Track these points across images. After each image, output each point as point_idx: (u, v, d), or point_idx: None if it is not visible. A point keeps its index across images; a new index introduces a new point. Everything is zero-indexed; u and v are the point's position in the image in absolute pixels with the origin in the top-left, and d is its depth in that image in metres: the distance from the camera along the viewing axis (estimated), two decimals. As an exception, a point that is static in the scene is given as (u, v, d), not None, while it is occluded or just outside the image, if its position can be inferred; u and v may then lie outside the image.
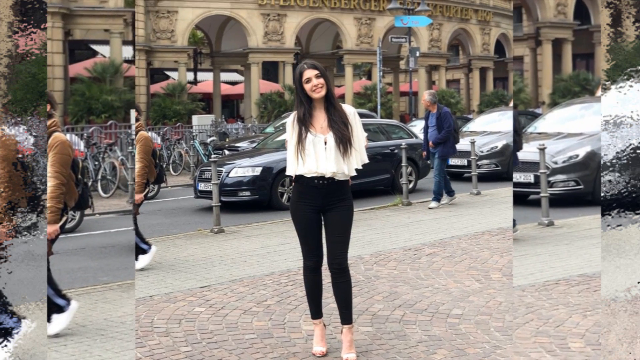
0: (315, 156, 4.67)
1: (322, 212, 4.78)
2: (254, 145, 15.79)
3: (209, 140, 20.57)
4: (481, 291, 6.38)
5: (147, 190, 8.01)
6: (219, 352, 4.96)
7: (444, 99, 33.20)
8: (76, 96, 26.32)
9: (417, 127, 18.81)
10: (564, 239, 8.48)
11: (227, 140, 21.17)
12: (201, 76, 39.88)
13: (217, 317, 5.74)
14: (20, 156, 4.94)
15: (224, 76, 39.43)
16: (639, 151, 4.71)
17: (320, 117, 4.73)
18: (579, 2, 37.64)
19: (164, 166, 17.80)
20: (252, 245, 8.89)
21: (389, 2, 30.28)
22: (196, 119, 26.19)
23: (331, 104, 4.73)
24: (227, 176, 12.42)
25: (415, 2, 30.26)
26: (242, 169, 12.53)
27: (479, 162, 14.62)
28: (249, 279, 7.02)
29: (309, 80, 4.66)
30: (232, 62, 38.61)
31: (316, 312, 4.93)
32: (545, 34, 37.39)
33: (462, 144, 13.12)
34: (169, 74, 37.59)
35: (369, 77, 42.05)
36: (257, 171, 12.45)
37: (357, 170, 4.81)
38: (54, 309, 5.43)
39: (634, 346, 4.51)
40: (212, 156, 12.28)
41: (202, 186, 12.69)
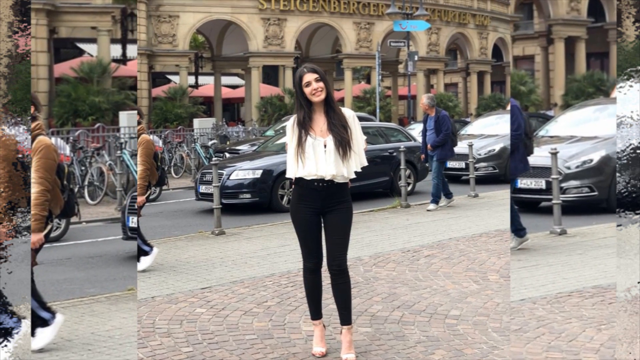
0: (315, 159, 4.70)
1: (321, 214, 4.80)
2: (255, 148, 15.84)
3: (210, 143, 20.63)
4: (479, 292, 6.41)
5: (148, 192, 8.08)
6: (220, 353, 4.98)
7: (442, 103, 33.23)
8: (61, 97, 24.77)
9: (416, 130, 18.86)
10: (577, 249, 8.07)
11: (227, 143, 21.23)
12: (202, 80, 40.00)
13: (218, 318, 5.77)
14: (20, 156, 4.93)
15: (225, 80, 39.55)
16: (639, 151, 4.71)
17: (320, 121, 4.76)
18: (593, -1, 35.98)
19: (166, 169, 17.80)
20: (252, 247, 8.92)
21: (388, 7, 30.41)
22: (197, 122, 26.24)
23: (331, 107, 4.76)
24: (228, 179, 12.48)
25: (413, 6, 30.38)
26: (243, 172, 12.60)
27: (476, 165, 14.66)
28: (250, 280, 7.05)
29: (308, 84, 4.69)
30: (233, 66, 38.73)
31: (316, 313, 4.96)
32: (557, 31, 35.81)
33: (460, 147, 13.14)
34: (170, 77, 37.70)
35: (368, 81, 42.21)
36: (258, 174, 12.51)
37: (356, 172, 4.83)
38: (38, 322, 5.13)
39: (633, 346, 4.53)
40: (213, 159, 12.30)
41: (203, 189, 12.74)
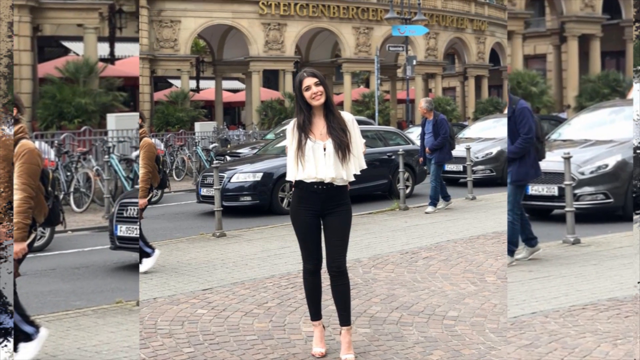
0: (314, 162, 4.73)
1: (321, 217, 4.83)
2: (255, 151, 15.89)
3: (211, 146, 20.71)
4: (476, 294, 6.44)
5: (150, 195, 8.13)
6: (221, 353, 5.01)
7: (440, 107, 33.28)
8: (46, 99, 23.16)
9: (414, 133, 18.87)
10: (591, 259, 7.68)
11: (228, 146, 21.27)
12: (203, 84, 40.06)
13: (219, 319, 5.80)
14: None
15: (226, 84, 39.61)
16: (639, 151, 4.75)
17: (319, 124, 4.79)
18: (609, -5, 32.93)
19: (167, 172, 17.88)
20: (253, 248, 8.96)
21: (387, 12, 30.52)
22: (198, 126, 26.29)
23: (330, 111, 4.79)
24: (229, 181, 12.55)
25: (412, 11, 30.51)
26: (244, 175, 12.67)
27: (474, 168, 14.72)
28: (250, 281, 7.09)
29: (308, 88, 4.72)
30: (234, 70, 38.81)
31: (315, 314, 4.99)
32: (570, 29, 33.55)
33: (458, 150, 13.17)
34: (172, 81, 37.76)
35: (367, 85, 42.32)
36: (258, 177, 12.58)
37: (355, 175, 4.86)
38: (21, 336, 4.80)
39: (634, 344, 4.59)
40: (214, 162, 12.40)
41: (204, 191, 12.81)
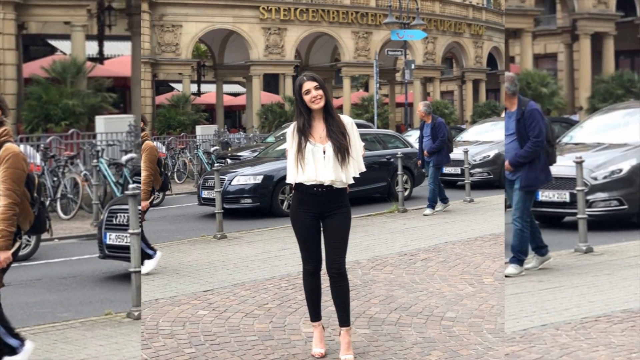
0: (314, 165, 4.76)
1: (321, 219, 4.86)
2: (256, 154, 15.96)
3: (212, 149, 20.74)
4: (474, 295, 6.47)
5: (152, 197, 8.21)
6: (222, 354, 5.04)
7: (438, 110, 33.37)
8: (31, 100, 22.06)
9: (413, 136, 18.91)
10: (605, 269, 7.35)
11: (229, 149, 21.33)
12: (204, 88, 40.19)
13: (220, 320, 5.83)
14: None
15: (227, 88, 39.73)
16: None
17: (319, 127, 4.83)
18: (623, -9, 31.49)
19: (169, 174, 17.91)
20: (253, 250, 9.00)
21: (386, 17, 30.62)
22: (200, 129, 26.36)
23: (330, 114, 4.82)
24: (230, 184, 12.61)
25: (410, 16, 30.61)
26: (244, 177, 12.74)
27: (471, 171, 14.74)
28: (251, 283, 7.13)
29: (308, 91, 4.76)
30: (235, 74, 38.95)
31: (315, 314, 5.03)
32: (583, 27, 31.98)
33: (456, 153, 13.21)
34: (173, 85, 37.89)
35: (366, 89, 42.48)
36: (259, 179, 12.65)
37: (354, 178, 4.90)
38: (5, 350, 4.59)
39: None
40: (215, 165, 12.43)
41: (205, 194, 12.88)
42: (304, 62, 37.67)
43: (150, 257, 7.84)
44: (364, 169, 4.99)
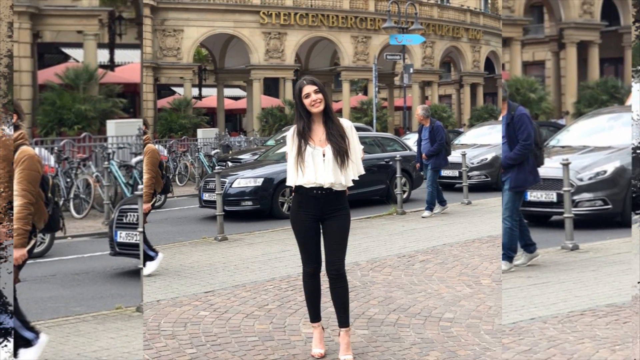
0: (314, 168, 4.80)
1: (320, 221, 4.90)
2: (256, 157, 16.02)
3: (213, 152, 20.83)
4: (472, 296, 6.51)
5: (154, 200, 8.25)
6: (223, 354, 5.08)
7: (437, 114, 33.42)
8: (46, 105, 23.19)
9: (411, 140, 18.94)
10: (590, 265, 7.61)
11: (230, 152, 21.42)
12: (206, 92, 40.22)
13: (221, 321, 5.87)
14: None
15: (227, 92, 39.81)
16: (639, 151, 4.78)
17: (318, 131, 4.87)
18: (607, 1, 32.68)
19: (170, 177, 17.90)
20: (254, 252, 9.04)
21: (384, 21, 30.70)
22: (201, 133, 26.44)
23: (329, 118, 4.86)
24: (230, 187, 12.67)
25: (409, 21, 30.69)
26: (245, 180, 12.80)
27: (469, 174, 14.79)
28: (251, 284, 7.17)
29: (308, 95, 4.80)
30: (235, 78, 39.01)
31: (315, 315, 5.07)
32: (569, 35, 33.11)
33: (454, 156, 13.31)
34: (175, 89, 37.95)
35: (365, 93, 42.66)
36: (259, 182, 12.71)
37: (353, 181, 4.93)
38: (20, 342, 4.72)
39: (634, 346, 4.65)
40: (216, 168, 12.53)
41: (206, 196, 12.94)
42: (303, 66, 37.76)
43: (152, 258, 7.89)
44: (363, 172, 5.02)
